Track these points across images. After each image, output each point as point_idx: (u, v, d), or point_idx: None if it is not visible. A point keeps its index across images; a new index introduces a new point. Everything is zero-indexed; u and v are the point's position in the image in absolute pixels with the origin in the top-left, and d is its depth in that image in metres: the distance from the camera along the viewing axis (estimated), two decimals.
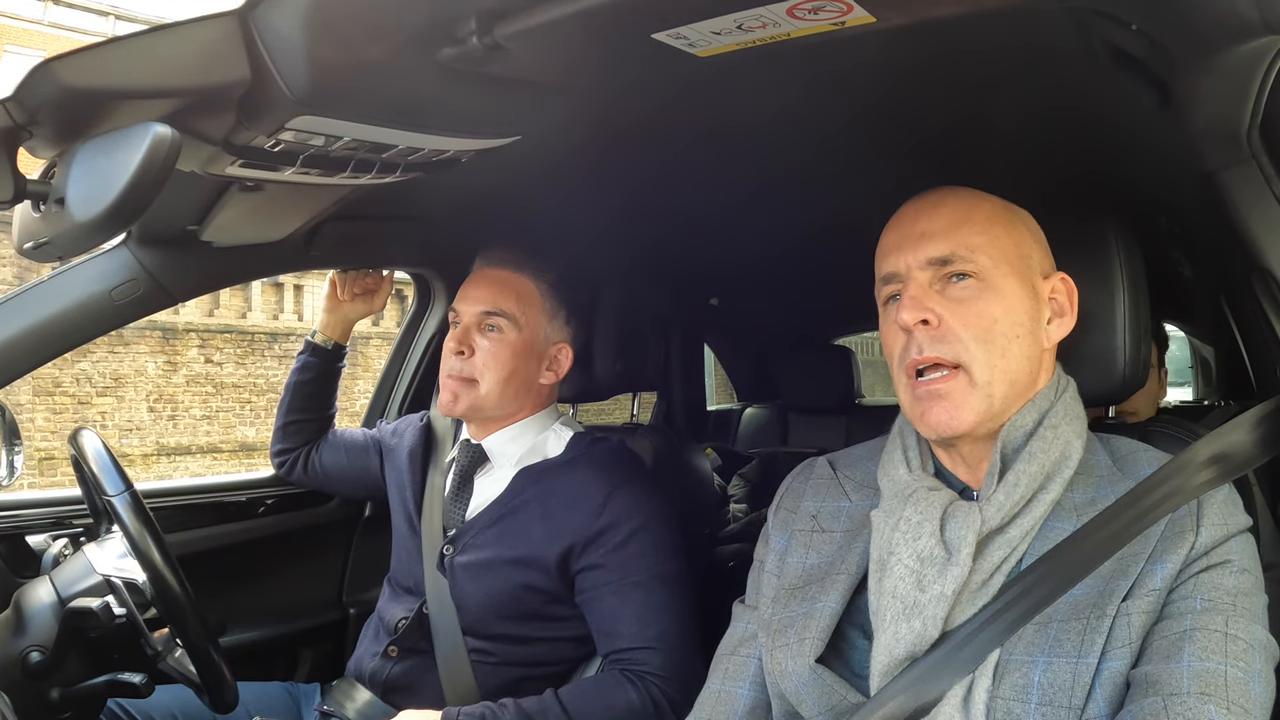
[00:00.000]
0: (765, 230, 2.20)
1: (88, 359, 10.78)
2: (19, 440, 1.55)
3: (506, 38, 0.92)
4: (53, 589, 1.39)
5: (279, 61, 0.93)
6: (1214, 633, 0.88)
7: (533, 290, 1.64)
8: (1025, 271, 1.03)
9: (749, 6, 0.88)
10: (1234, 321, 1.73)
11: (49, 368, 9.88)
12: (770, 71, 1.11)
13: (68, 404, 10.77)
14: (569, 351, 1.68)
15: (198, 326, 11.76)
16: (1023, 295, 1.01)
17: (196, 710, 1.53)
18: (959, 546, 0.94)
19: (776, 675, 1.05)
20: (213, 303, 11.96)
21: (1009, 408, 1.01)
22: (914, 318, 1.00)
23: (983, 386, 0.99)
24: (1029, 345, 1.01)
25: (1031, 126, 1.42)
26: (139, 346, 11.31)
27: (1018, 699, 0.91)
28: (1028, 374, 1.01)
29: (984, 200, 1.06)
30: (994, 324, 1.00)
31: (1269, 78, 0.97)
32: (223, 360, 11.96)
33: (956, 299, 1.01)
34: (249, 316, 12.21)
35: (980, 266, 1.01)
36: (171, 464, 11.66)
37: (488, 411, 1.64)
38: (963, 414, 0.99)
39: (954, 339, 0.99)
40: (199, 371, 11.80)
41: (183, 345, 11.67)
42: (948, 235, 1.02)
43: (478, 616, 1.57)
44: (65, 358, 9.22)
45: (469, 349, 1.61)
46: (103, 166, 0.87)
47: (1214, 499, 0.96)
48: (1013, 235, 1.04)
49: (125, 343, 11.02)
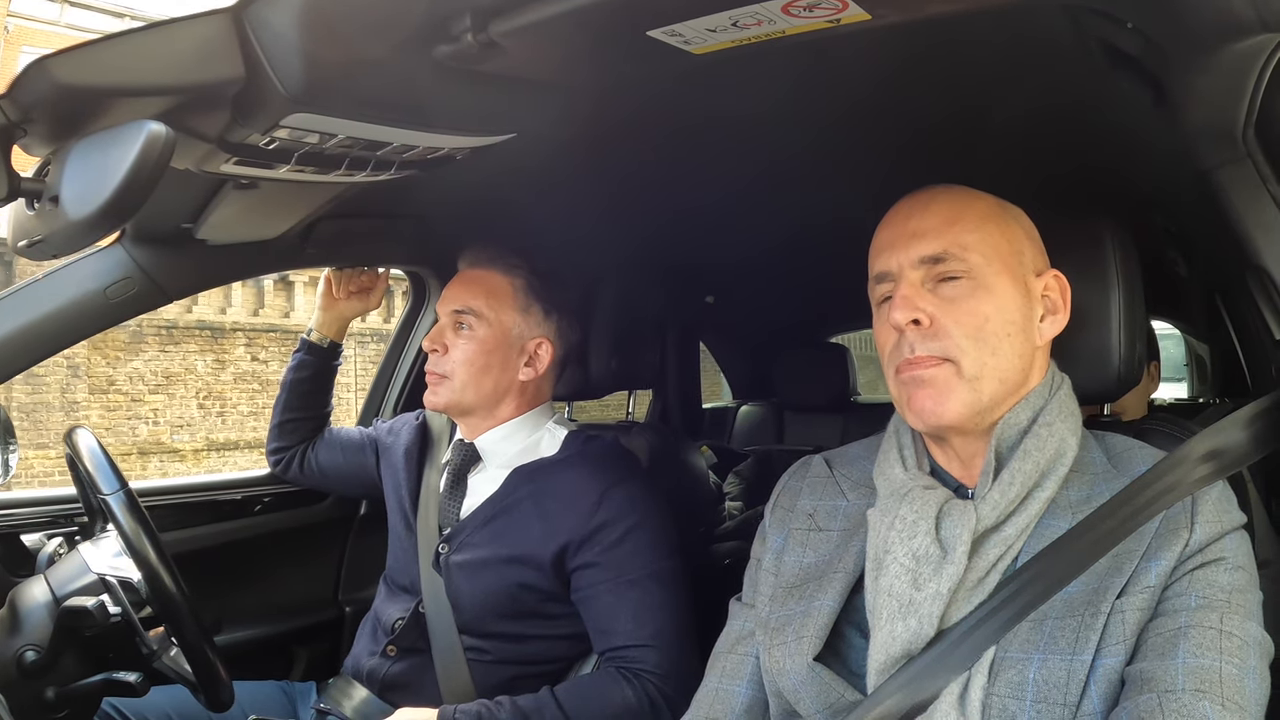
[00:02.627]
0: (761, 228, 2.20)
1: (140, 357, 11.02)
2: (14, 439, 1.55)
3: (501, 35, 0.92)
4: (48, 588, 1.39)
5: (273, 59, 0.93)
6: (1209, 629, 0.88)
7: (504, 286, 1.65)
8: (1018, 269, 1.03)
9: (744, 4, 0.88)
10: (1229, 319, 1.74)
11: (103, 366, 10.49)
12: (765, 69, 1.11)
13: (121, 401, 10.99)
14: (550, 347, 1.67)
15: (244, 326, 12.02)
16: (1014, 293, 1.01)
17: (192, 709, 1.53)
18: (954, 545, 0.94)
19: (774, 673, 1.05)
20: (257, 302, 12.20)
21: (999, 405, 1.00)
22: (905, 318, 1.00)
23: (970, 380, 0.99)
24: (1020, 343, 1.01)
25: (1027, 124, 1.42)
26: (189, 345, 11.57)
27: (1013, 696, 0.91)
28: (1019, 372, 1.01)
29: (977, 198, 1.06)
30: (985, 322, 0.99)
31: (1264, 76, 0.97)
32: (268, 358, 12.20)
33: (948, 298, 1.01)
34: (291, 316, 12.48)
35: (972, 265, 1.01)
36: (221, 459, 11.84)
37: (468, 406, 1.64)
38: (948, 403, 0.99)
39: (945, 337, 0.99)
40: (245, 369, 12.06)
41: (230, 344, 11.92)
42: (940, 234, 1.02)
43: (473, 615, 1.57)
44: (119, 356, 9.44)
45: (441, 346, 1.63)
46: (97, 164, 0.86)
47: (1208, 496, 0.96)
48: (1005, 233, 1.04)
49: (175, 341, 11.30)
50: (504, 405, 1.66)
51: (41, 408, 10.36)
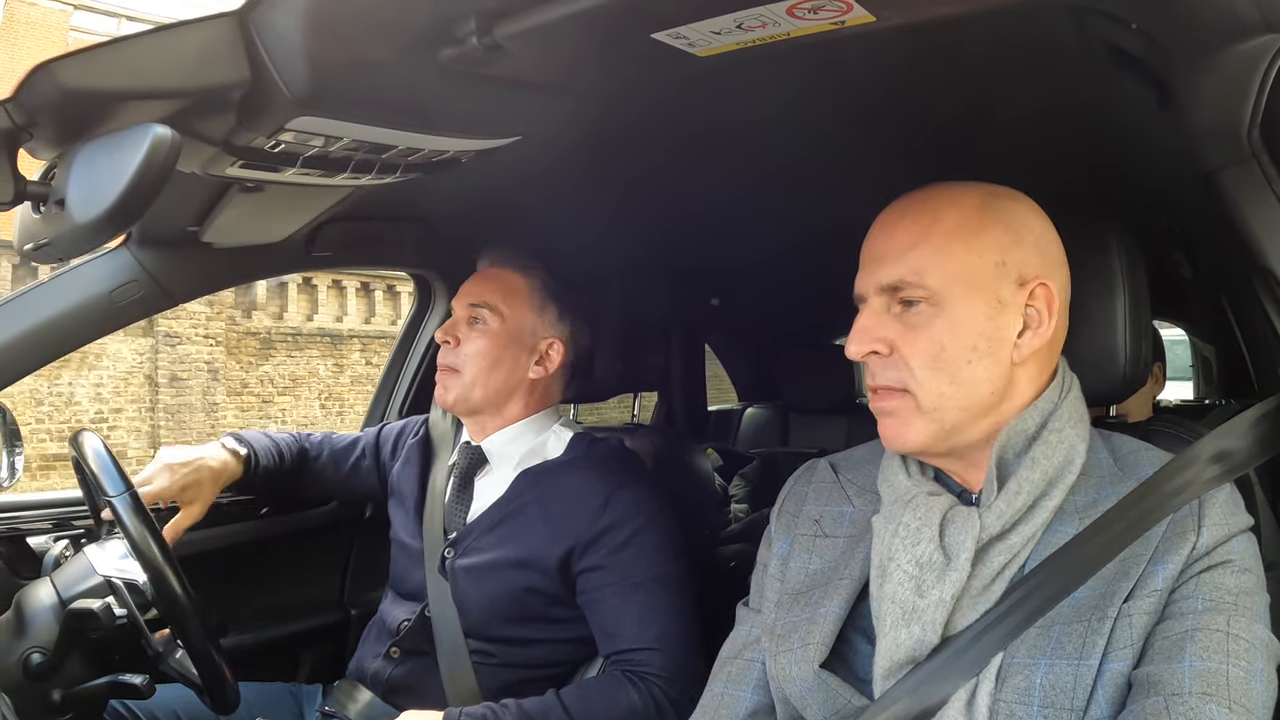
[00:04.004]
0: (766, 230, 2.20)
1: (269, 362, 11.85)
2: (20, 442, 1.55)
3: (506, 38, 0.92)
4: (54, 590, 1.39)
5: (279, 62, 0.93)
6: (1216, 632, 0.88)
7: (521, 285, 1.66)
8: (988, 285, 0.97)
9: (749, 6, 0.88)
10: (1235, 321, 1.73)
11: (238, 370, 11.34)
12: (770, 71, 1.11)
13: (253, 402, 11.75)
14: (561, 348, 1.67)
15: (359, 332, 12.78)
16: (979, 315, 0.97)
17: (198, 711, 1.53)
18: (958, 552, 0.94)
19: (780, 680, 1.05)
20: (369, 310, 12.91)
21: (967, 428, 0.99)
22: (858, 351, 1.00)
23: (929, 412, 0.98)
24: (987, 366, 0.97)
25: (1031, 126, 1.42)
26: (311, 350, 12.36)
27: (1020, 702, 0.90)
28: (987, 395, 0.98)
29: (951, 207, 1.00)
30: (941, 350, 0.97)
31: (1269, 76, 0.97)
32: (380, 362, 12.83)
33: (910, 325, 0.99)
34: (399, 324, 13.07)
35: (930, 290, 0.97)
36: None
37: (476, 403, 1.64)
38: (909, 434, 0.99)
39: (903, 367, 0.98)
40: (361, 373, 12.77)
41: (347, 349, 12.70)
42: (899, 260, 0.99)
43: (479, 619, 1.56)
44: (251, 361, 10.24)
45: (454, 339, 1.63)
46: (103, 168, 0.87)
47: (1215, 499, 0.95)
48: (976, 245, 0.98)
49: (300, 347, 12.08)
50: (512, 404, 1.66)
51: (185, 409, 11.08)
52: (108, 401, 10.67)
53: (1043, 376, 1.02)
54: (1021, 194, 1.04)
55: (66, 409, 10.38)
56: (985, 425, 0.99)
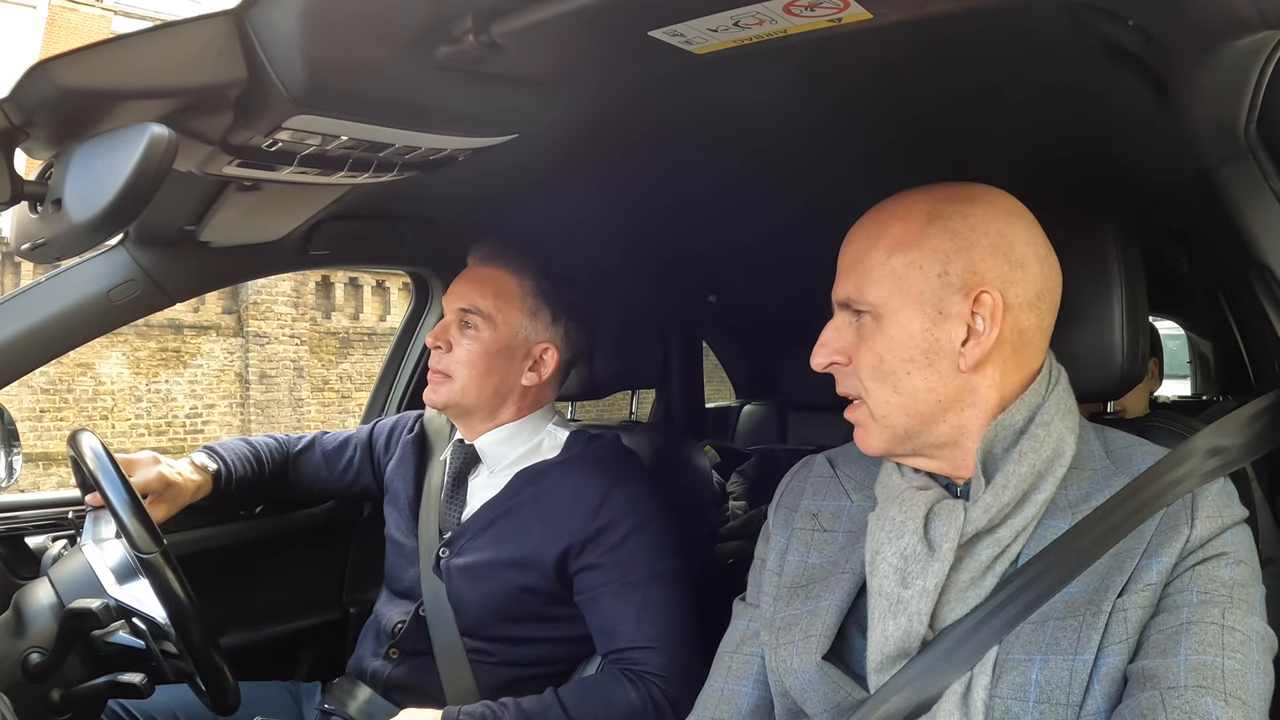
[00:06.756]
0: (764, 227, 2.20)
1: (348, 360, 12.28)
2: (18, 442, 1.55)
3: (503, 36, 0.92)
4: (52, 590, 1.39)
5: (275, 61, 0.93)
6: (1211, 625, 0.88)
7: (513, 288, 1.63)
8: (926, 296, 0.98)
9: (745, 3, 0.87)
10: (1232, 317, 1.74)
11: (319, 368, 11.77)
12: (767, 69, 1.11)
13: (334, 398, 12.15)
14: (555, 352, 1.65)
15: None
16: (915, 326, 0.98)
17: (197, 710, 1.53)
18: (940, 543, 0.95)
19: (781, 673, 1.05)
20: None
21: (923, 433, 1.01)
22: (819, 363, 1.06)
23: (879, 420, 1.02)
24: (928, 376, 0.99)
25: (1028, 123, 1.42)
26: (385, 349, 12.81)
27: (1015, 698, 0.91)
28: (934, 404, 0.99)
29: (899, 220, 1.01)
30: (880, 362, 1.00)
31: (1266, 72, 0.97)
32: None
33: (861, 336, 1.03)
34: None
35: (872, 304, 1.01)
36: None
37: (467, 407, 1.63)
38: (869, 440, 1.05)
39: (856, 377, 1.03)
40: None
41: None
42: (848, 274, 1.04)
43: (476, 619, 1.56)
44: (331, 359, 10.68)
45: (446, 344, 1.61)
46: (100, 167, 0.86)
47: (1209, 491, 0.96)
48: (917, 258, 0.98)
49: (375, 346, 12.40)
50: (505, 408, 1.65)
51: (274, 404, 11.43)
52: (201, 398, 11.06)
53: (1018, 374, 1.01)
54: (988, 194, 1.03)
55: (164, 405, 10.72)
56: (946, 428, 1.01)
